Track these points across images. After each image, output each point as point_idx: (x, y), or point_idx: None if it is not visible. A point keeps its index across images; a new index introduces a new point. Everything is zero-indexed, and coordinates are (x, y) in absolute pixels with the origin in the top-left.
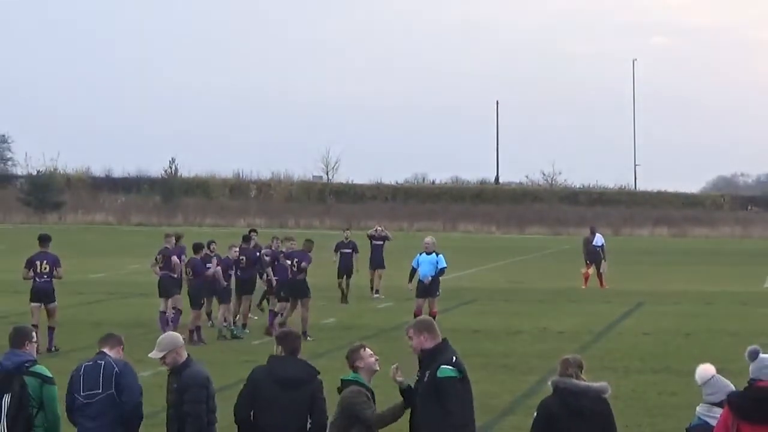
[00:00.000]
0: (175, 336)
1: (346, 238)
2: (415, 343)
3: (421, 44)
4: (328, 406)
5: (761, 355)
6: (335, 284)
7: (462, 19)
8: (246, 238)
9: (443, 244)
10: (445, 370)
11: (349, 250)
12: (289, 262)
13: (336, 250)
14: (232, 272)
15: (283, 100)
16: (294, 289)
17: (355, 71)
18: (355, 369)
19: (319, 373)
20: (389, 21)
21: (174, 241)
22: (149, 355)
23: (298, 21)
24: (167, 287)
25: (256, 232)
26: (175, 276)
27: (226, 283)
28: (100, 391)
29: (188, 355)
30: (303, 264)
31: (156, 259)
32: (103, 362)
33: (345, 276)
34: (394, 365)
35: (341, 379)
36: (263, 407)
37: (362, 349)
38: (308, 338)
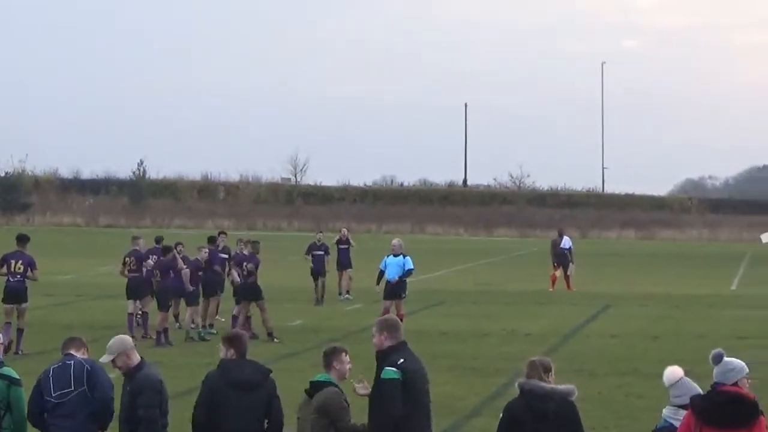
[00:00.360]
0: (125, 339)
1: (319, 240)
2: (375, 341)
3: (390, 46)
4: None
5: (725, 359)
6: (305, 286)
7: (433, 20)
8: (211, 240)
9: (411, 246)
10: (388, 371)
11: (322, 252)
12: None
13: (308, 252)
14: (201, 273)
15: (251, 101)
16: (246, 292)
17: (324, 73)
18: (329, 370)
19: (271, 372)
20: (360, 21)
21: (142, 242)
22: (100, 359)
23: (266, 22)
24: (136, 289)
25: (225, 234)
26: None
27: (192, 288)
28: (72, 388)
29: (141, 358)
30: (250, 266)
31: (125, 261)
32: (72, 362)
33: (319, 277)
34: (358, 380)
35: (313, 381)
36: (221, 412)
37: (343, 353)
38: (275, 340)
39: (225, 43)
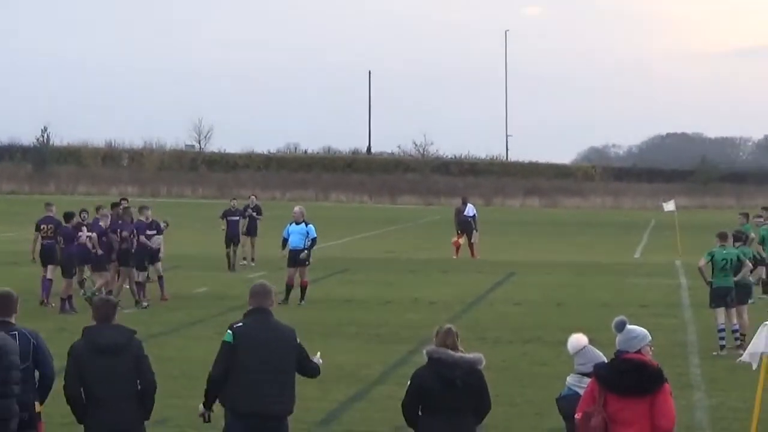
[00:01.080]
0: None
1: (233, 206)
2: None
3: (294, 15)
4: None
5: (628, 327)
6: (210, 254)
7: None
8: (114, 206)
9: (315, 214)
10: (226, 334)
11: (237, 218)
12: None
13: (223, 217)
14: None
15: (154, 68)
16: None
17: (228, 40)
18: None
19: (135, 332)
20: None
21: (54, 209)
22: None
23: None
24: (51, 255)
25: (127, 201)
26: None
27: (101, 253)
28: (20, 363)
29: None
30: (124, 234)
31: (41, 228)
32: (16, 333)
33: (232, 244)
34: None
35: None
36: (91, 379)
37: None
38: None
39: (125, 10)
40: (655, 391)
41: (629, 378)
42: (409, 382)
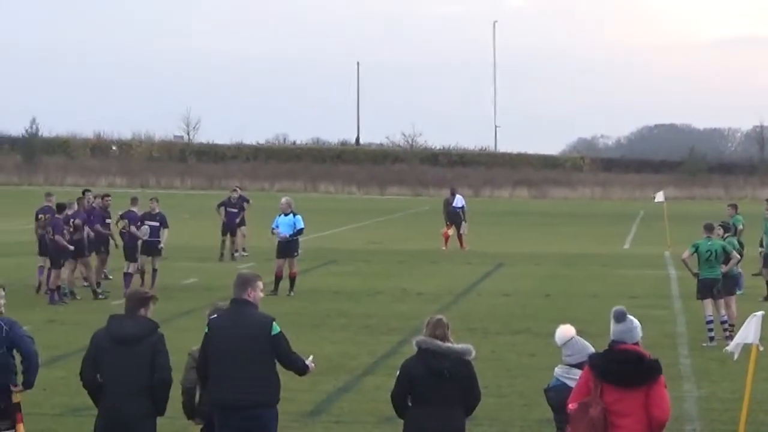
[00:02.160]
0: None
1: (231, 198)
2: None
3: (283, 6)
4: (173, 361)
5: (629, 317)
6: (200, 244)
7: None
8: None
9: (304, 205)
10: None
11: (236, 210)
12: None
13: (221, 206)
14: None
15: (144, 59)
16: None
17: (217, 30)
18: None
19: (158, 326)
20: None
21: (54, 199)
22: None
23: None
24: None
25: (90, 191)
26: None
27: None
28: None
29: None
30: (77, 222)
31: (39, 217)
32: None
33: (229, 234)
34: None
35: None
36: (105, 367)
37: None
38: (100, 296)
39: (113, 3)
40: (651, 383)
41: (628, 369)
42: (398, 373)
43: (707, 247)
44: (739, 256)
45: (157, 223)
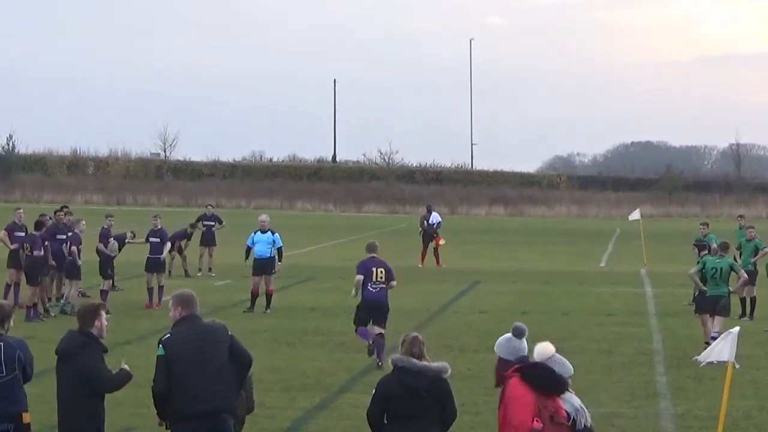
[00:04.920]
0: None
1: (209, 212)
2: (171, 315)
3: (260, 21)
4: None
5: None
6: (179, 262)
7: None
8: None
9: (281, 222)
10: (158, 347)
11: (213, 223)
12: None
13: (197, 221)
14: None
15: (119, 75)
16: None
17: (193, 47)
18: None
19: (84, 345)
20: None
21: (22, 214)
22: None
23: None
24: (17, 260)
25: (68, 208)
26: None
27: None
28: (5, 374)
29: None
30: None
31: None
32: (2, 343)
33: (207, 248)
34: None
35: None
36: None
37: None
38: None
39: (90, 19)
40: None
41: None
42: (374, 391)
43: (713, 264)
44: (746, 276)
45: (159, 240)
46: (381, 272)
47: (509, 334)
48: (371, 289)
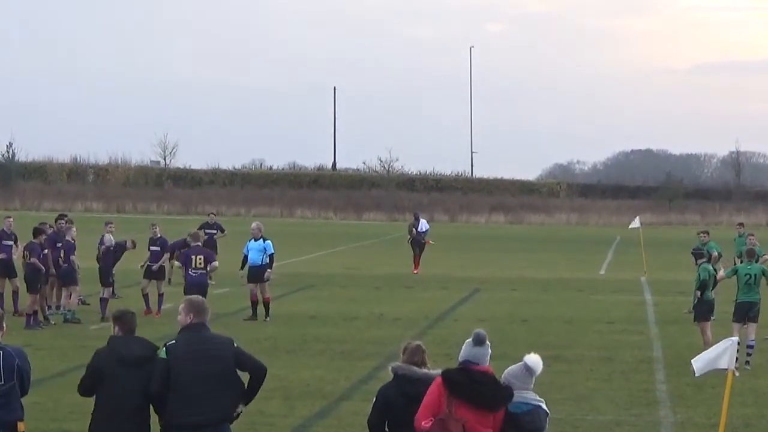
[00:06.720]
0: None
1: (211, 220)
2: (179, 319)
3: (260, 29)
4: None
5: (487, 342)
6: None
7: (301, 2)
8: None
9: (280, 230)
10: (161, 350)
11: (214, 231)
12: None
13: (200, 229)
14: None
15: (120, 83)
16: None
17: (195, 55)
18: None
19: (158, 349)
20: (227, 4)
21: (12, 221)
22: None
23: (135, 2)
24: (7, 269)
25: (67, 216)
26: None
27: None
28: (3, 383)
29: None
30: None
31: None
32: (1, 352)
33: None
34: None
35: None
36: (106, 386)
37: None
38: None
39: (90, 27)
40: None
41: (485, 390)
42: (374, 399)
43: (746, 270)
44: None
45: (159, 248)
46: None
47: (469, 340)
48: None
